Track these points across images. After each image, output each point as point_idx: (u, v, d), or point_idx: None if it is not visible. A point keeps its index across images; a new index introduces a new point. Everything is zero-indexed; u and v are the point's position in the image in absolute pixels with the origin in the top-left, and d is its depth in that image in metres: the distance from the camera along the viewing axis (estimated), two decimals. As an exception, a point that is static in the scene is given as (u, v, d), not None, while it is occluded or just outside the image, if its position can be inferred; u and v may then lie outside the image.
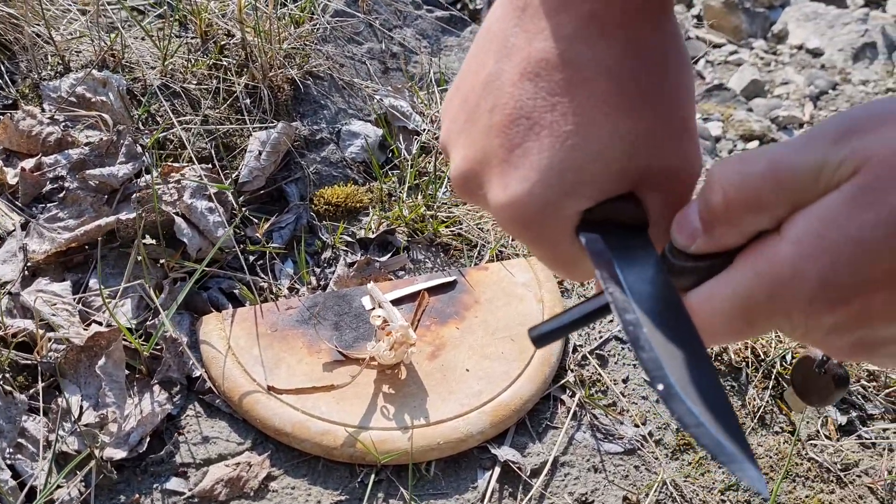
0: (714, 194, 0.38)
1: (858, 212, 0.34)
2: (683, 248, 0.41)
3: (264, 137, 1.16)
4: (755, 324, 0.39)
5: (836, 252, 0.34)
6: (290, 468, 0.91)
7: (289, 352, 0.98)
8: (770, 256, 0.37)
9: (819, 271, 0.35)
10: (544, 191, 0.45)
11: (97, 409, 0.89)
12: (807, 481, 1.00)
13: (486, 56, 0.48)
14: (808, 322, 0.37)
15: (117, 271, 1.02)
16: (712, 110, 2.88)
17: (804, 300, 0.36)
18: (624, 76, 0.44)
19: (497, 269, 1.13)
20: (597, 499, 0.93)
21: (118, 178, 1.07)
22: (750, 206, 0.37)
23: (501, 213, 0.47)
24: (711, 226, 0.39)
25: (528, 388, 0.98)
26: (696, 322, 0.41)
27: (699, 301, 0.40)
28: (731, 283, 0.39)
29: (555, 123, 0.44)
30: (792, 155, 0.36)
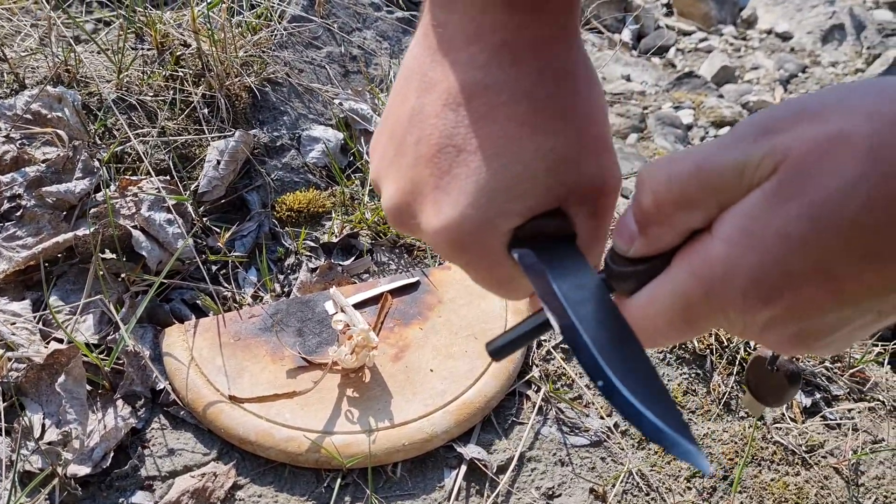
0: (644, 196, 0.40)
1: (780, 206, 0.35)
2: (623, 252, 0.42)
3: (222, 146, 1.16)
4: (695, 323, 0.40)
5: (763, 247, 0.35)
6: (256, 476, 0.91)
7: (252, 360, 0.98)
8: (703, 254, 0.38)
9: (749, 266, 0.36)
10: (476, 212, 0.47)
11: (59, 426, 0.89)
12: (772, 464, 1.01)
13: (407, 91, 0.50)
14: (745, 318, 0.38)
15: (78, 287, 1.02)
16: (683, 98, 2.90)
17: (738, 296, 0.37)
18: (540, 97, 0.46)
19: (459, 269, 1.13)
20: (564, 492, 0.94)
21: (75, 194, 1.07)
22: (679, 205, 0.38)
23: (436, 238, 0.48)
24: (646, 227, 0.40)
25: (492, 386, 0.99)
26: (639, 324, 0.42)
27: (641, 304, 0.42)
28: (669, 284, 0.40)
29: (480, 148, 0.46)
30: (716, 154, 0.37)
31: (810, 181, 0.34)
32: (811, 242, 0.34)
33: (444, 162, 0.48)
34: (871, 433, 1.06)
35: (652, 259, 0.41)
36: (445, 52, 0.48)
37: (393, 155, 0.50)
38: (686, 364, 1.09)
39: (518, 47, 0.46)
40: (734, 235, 0.37)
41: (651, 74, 3.03)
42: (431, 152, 0.48)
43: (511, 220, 0.47)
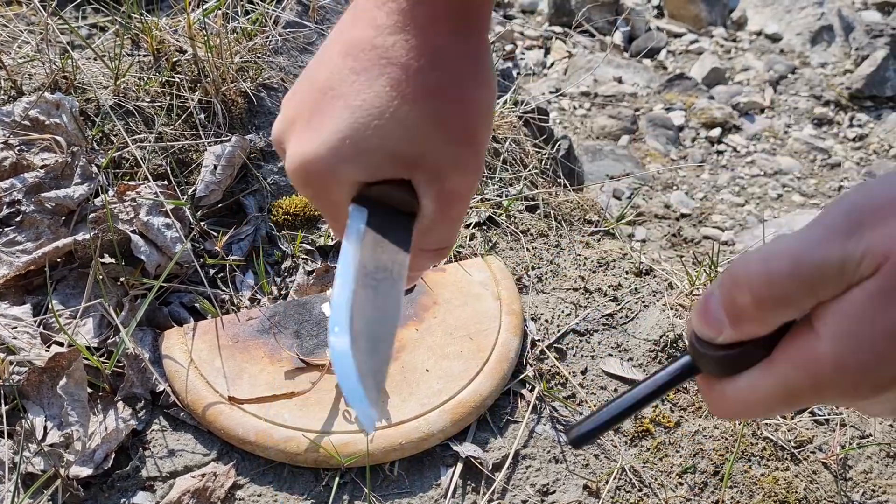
0: (741, 295, 0.40)
1: (886, 308, 0.37)
2: (710, 339, 0.43)
3: (219, 151, 1.18)
4: (795, 406, 0.43)
5: (872, 347, 0.37)
6: (255, 476, 0.93)
7: (250, 362, 1.00)
8: (809, 353, 0.39)
9: (859, 365, 0.38)
10: (325, 152, 0.50)
11: (61, 428, 0.90)
12: (762, 460, 1.03)
13: (326, 42, 0.55)
14: (856, 403, 0.41)
15: (77, 291, 1.04)
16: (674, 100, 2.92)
17: (849, 389, 0.39)
18: (415, 70, 0.50)
19: (454, 270, 1.15)
20: (558, 489, 0.96)
21: (74, 200, 1.08)
22: (778, 305, 0.40)
23: (289, 167, 0.52)
24: (739, 321, 0.41)
25: (487, 385, 1.00)
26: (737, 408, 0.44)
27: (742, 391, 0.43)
28: (773, 377, 0.42)
29: (347, 96, 0.50)
30: (813, 252, 0.38)
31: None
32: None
33: (320, 101, 0.52)
34: (858, 428, 1.08)
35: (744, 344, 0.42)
36: (361, 7, 0.52)
37: (297, 87, 0.55)
38: (677, 362, 1.11)
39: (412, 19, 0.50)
40: (841, 336, 0.38)
41: (642, 76, 3.05)
42: (315, 89, 0.52)
43: (355, 170, 0.50)
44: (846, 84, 3.12)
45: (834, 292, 0.38)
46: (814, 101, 3.06)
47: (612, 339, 1.13)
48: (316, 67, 0.54)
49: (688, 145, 2.76)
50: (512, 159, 1.46)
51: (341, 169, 0.51)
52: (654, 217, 1.54)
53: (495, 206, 1.32)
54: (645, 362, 1.11)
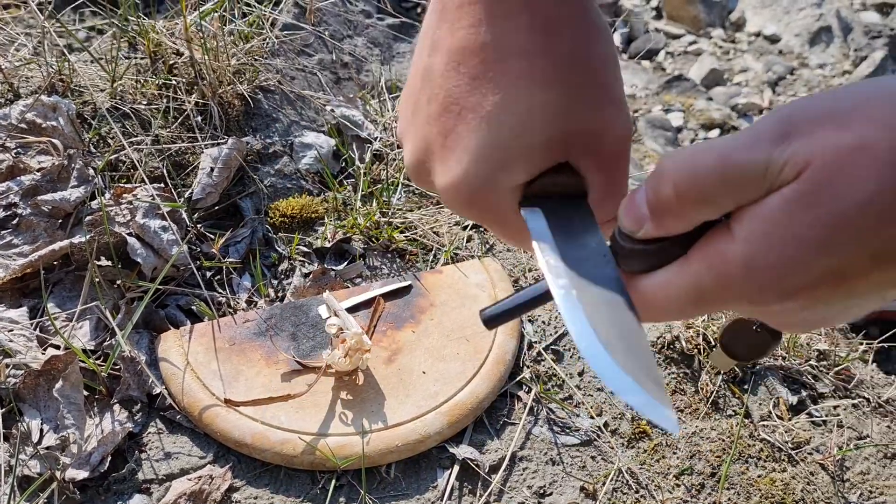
0: (664, 187, 0.40)
1: (801, 214, 0.37)
2: (630, 232, 0.43)
3: (215, 154, 1.18)
4: (705, 309, 0.43)
5: (783, 251, 0.37)
6: (251, 478, 0.93)
7: (247, 364, 1.00)
8: (723, 254, 0.40)
9: (768, 268, 0.38)
10: (478, 169, 0.48)
11: (57, 431, 0.90)
12: (759, 461, 1.02)
13: (421, 52, 0.52)
14: (757, 308, 0.41)
15: (74, 294, 1.04)
16: (673, 101, 2.92)
17: (755, 292, 0.39)
18: (533, 52, 0.47)
19: (451, 272, 1.15)
20: (555, 490, 0.96)
21: (71, 203, 1.08)
22: (699, 201, 0.40)
23: (445, 196, 0.51)
24: (660, 215, 0.42)
25: (483, 387, 1.00)
26: (647, 303, 0.44)
27: (653, 287, 0.43)
28: (685, 275, 0.42)
29: (478, 106, 0.48)
30: (739, 153, 0.38)
31: (831, 191, 0.36)
32: (828, 249, 0.36)
33: (449, 120, 0.50)
34: (856, 430, 1.08)
35: (662, 241, 0.42)
36: (451, 10, 0.49)
37: (410, 114, 0.53)
38: (675, 364, 1.11)
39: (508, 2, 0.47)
40: (754, 237, 0.38)
41: (641, 78, 3.05)
42: (438, 111, 0.50)
43: (514, 175, 0.49)
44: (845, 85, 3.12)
45: (754, 196, 0.38)
46: (812, 102, 3.05)
47: (609, 341, 1.13)
48: (423, 85, 0.51)
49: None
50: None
51: (498, 179, 0.49)
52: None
53: (492, 208, 1.32)
54: (642, 364, 1.10)
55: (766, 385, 1.12)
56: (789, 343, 1.18)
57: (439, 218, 1.27)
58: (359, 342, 0.96)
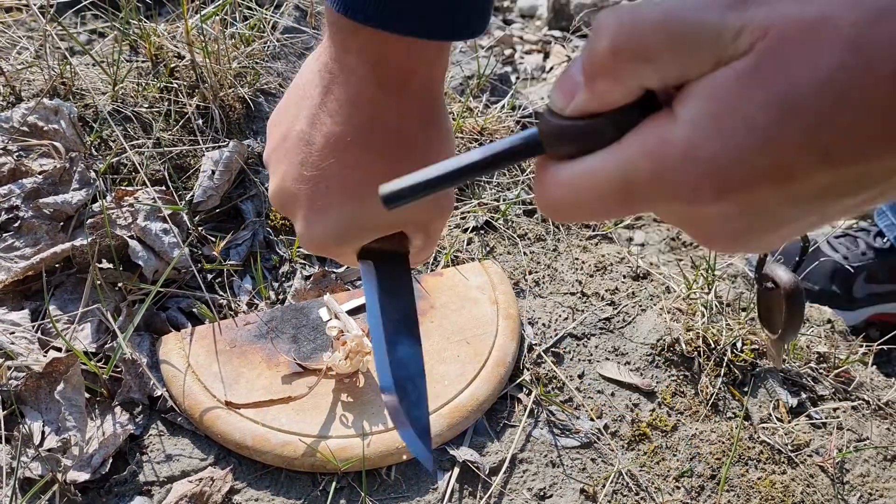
0: (600, 41, 0.35)
1: (752, 92, 0.32)
2: (559, 109, 0.37)
3: (217, 157, 1.18)
4: (631, 205, 0.37)
5: (728, 136, 0.32)
6: (252, 481, 0.93)
7: (248, 366, 1.00)
8: (660, 134, 0.34)
9: (709, 156, 0.33)
10: (336, 235, 0.62)
11: (59, 433, 0.90)
12: (759, 464, 1.03)
13: (299, 110, 0.61)
14: (689, 209, 0.35)
15: (75, 297, 1.04)
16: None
17: (690, 186, 0.34)
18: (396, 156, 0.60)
19: (451, 275, 1.15)
20: (555, 493, 0.96)
21: (72, 205, 1.09)
22: (637, 56, 0.34)
23: (302, 240, 0.65)
24: (594, 78, 0.36)
25: (484, 389, 1.01)
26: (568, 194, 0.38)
27: (578, 173, 0.38)
28: (616, 160, 0.36)
29: (345, 192, 0.61)
30: (690, 10, 0.33)
31: (786, 68, 0.31)
32: (777, 136, 0.31)
33: (317, 192, 0.61)
34: (855, 432, 1.09)
35: (594, 117, 0.37)
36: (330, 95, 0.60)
37: (283, 154, 0.63)
38: (674, 366, 1.11)
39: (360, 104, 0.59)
40: (699, 119, 0.33)
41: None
42: (311, 178, 0.61)
43: (359, 241, 0.64)
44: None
45: (702, 66, 0.33)
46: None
47: (609, 343, 1.14)
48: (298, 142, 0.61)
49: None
50: (509, 164, 1.46)
51: (349, 243, 0.64)
52: (653, 221, 1.54)
53: (493, 211, 1.33)
54: (642, 366, 1.11)
55: (766, 387, 1.12)
56: (790, 346, 1.18)
57: (440, 220, 1.28)
58: (359, 344, 0.96)
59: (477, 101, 1.57)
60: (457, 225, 1.28)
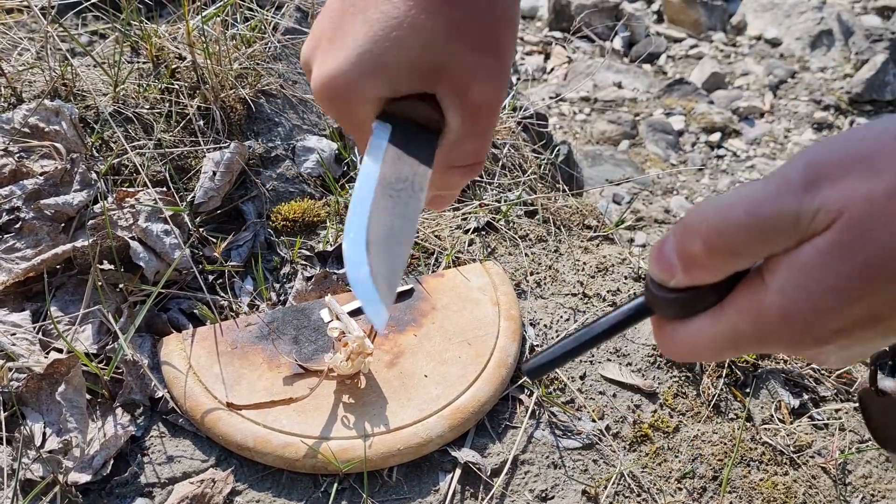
0: (693, 243, 0.40)
1: (835, 265, 0.37)
2: (661, 281, 0.43)
3: (218, 158, 1.18)
4: (742, 351, 0.43)
5: (818, 301, 0.37)
6: (254, 482, 0.93)
7: (249, 368, 1.00)
8: (757, 304, 0.40)
9: (804, 319, 0.38)
10: (348, 68, 0.51)
11: (60, 435, 0.90)
12: (761, 465, 1.03)
13: None
14: (795, 352, 0.42)
15: (76, 298, 1.04)
16: (674, 105, 2.92)
17: (791, 340, 0.40)
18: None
19: (453, 276, 1.15)
20: (556, 494, 0.96)
21: (73, 206, 1.08)
22: (729, 254, 0.40)
23: (315, 86, 0.53)
24: (690, 268, 0.42)
25: (485, 390, 1.01)
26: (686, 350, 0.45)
27: (691, 335, 0.44)
28: (721, 323, 0.42)
29: (368, 11, 0.50)
30: (769, 204, 0.38)
31: (864, 241, 0.36)
32: (863, 297, 0.37)
33: (343, 18, 0.52)
34: (857, 433, 1.08)
35: (695, 289, 0.43)
36: None
37: (322, 11, 0.55)
38: (676, 367, 1.11)
39: None
40: (789, 290, 0.38)
41: (642, 81, 3.06)
42: (338, 9, 0.52)
43: (377, 85, 0.51)
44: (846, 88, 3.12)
45: (786, 245, 0.38)
46: (814, 105, 3.06)
47: (610, 344, 1.13)
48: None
49: (688, 150, 2.76)
50: (511, 164, 1.46)
51: (363, 84, 0.51)
52: (654, 222, 1.54)
53: (494, 212, 1.32)
54: (644, 367, 1.11)
55: (768, 388, 1.12)
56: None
57: (441, 221, 1.28)
58: (361, 346, 0.96)
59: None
60: (458, 226, 1.28)
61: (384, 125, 0.53)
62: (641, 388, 1.08)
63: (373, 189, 0.50)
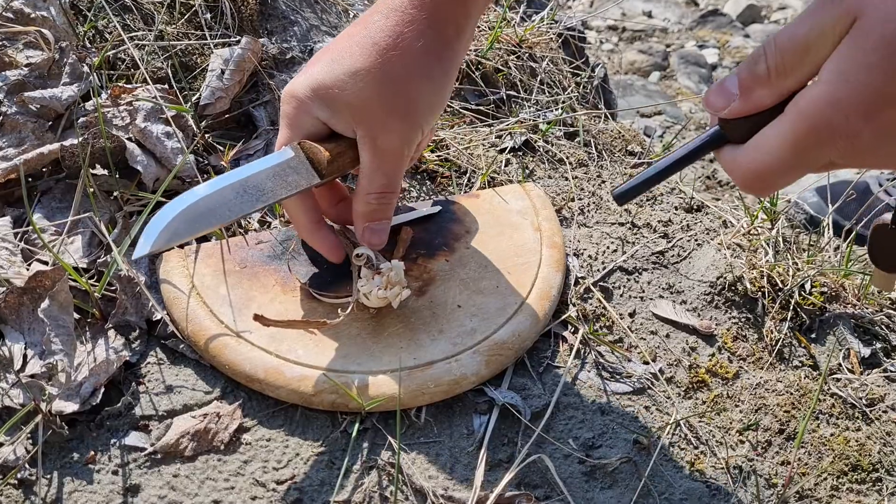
0: (760, 64, 0.50)
1: (861, 46, 0.44)
2: (716, 111, 0.52)
3: (227, 54, 1.04)
4: (806, 157, 0.49)
5: (855, 78, 0.45)
6: (264, 418, 0.82)
7: (260, 290, 0.88)
8: (807, 96, 0.48)
9: (847, 95, 0.45)
10: (305, 87, 0.73)
11: (43, 357, 0.79)
12: (831, 418, 0.92)
13: None
14: (852, 142, 0.47)
15: (65, 205, 0.91)
16: (707, 37, 2.73)
17: (842, 121, 0.46)
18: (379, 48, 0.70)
19: (489, 197, 1.02)
20: (604, 443, 0.85)
21: (62, 102, 0.95)
22: (787, 70, 0.49)
23: (285, 88, 0.76)
24: (750, 91, 0.51)
25: (526, 325, 0.89)
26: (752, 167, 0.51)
27: (754, 146, 0.51)
28: (778, 126, 0.49)
29: (335, 52, 0.73)
30: (801, 24, 0.47)
31: (883, 19, 0.43)
32: (893, 66, 0.43)
33: (325, 51, 0.75)
34: (937, 387, 0.97)
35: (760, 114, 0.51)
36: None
37: None
38: (736, 307, 1.00)
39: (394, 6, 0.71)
40: (832, 77, 0.46)
41: (674, 11, 2.87)
42: (331, 44, 0.75)
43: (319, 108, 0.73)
44: None
45: (827, 53, 0.46)
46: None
47: (663, 280, 1.01)
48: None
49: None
50: (550, 81, 1.32)
51: (311, 101, 0.73)
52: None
53: (532, 130, 1.19)
54: (700, 306, 0.99)
55: (836, 334, 1.00)
56: (860, 290, 1.06)
57: (474, 138, 1.14)
58: (398, 275, 0.83)
59: (513, 11, 1.41)
60: (492, 144, 1.15)
61: (289, 150, 0.74)
62: (698, 328, 0.96)
63: (231, 181, 0.74)
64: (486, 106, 1.21)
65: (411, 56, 0.70)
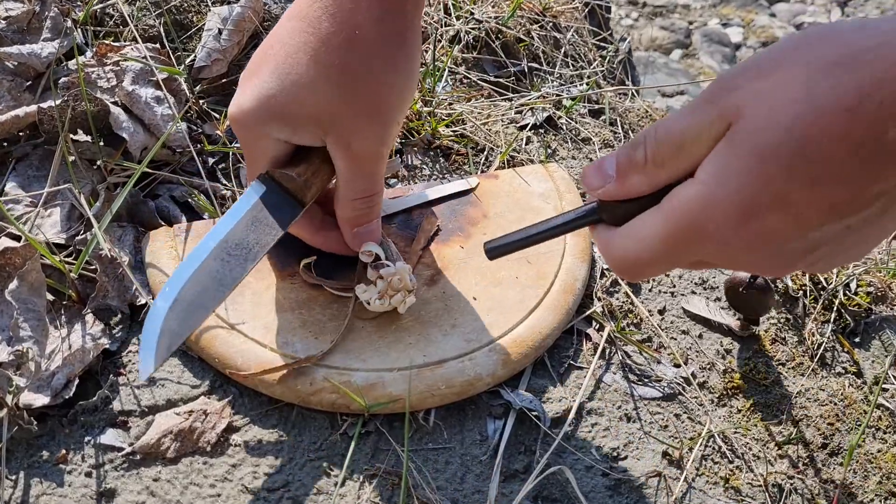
0: (638, 152, 0.49)
1: (737, 151, 0.44)
2: (590, 190, 0.52)
3: (226, 13, 0.95)
4: (676, 254, 0.49)
5: (729, 184, 0.44)
6: (256, 417, 0.74)
7: (255, 275, 0.79)
8: (682, 195, 0.47)
9: (720, 201, 0.45)
10: (255, 107, 0.63)
11: (10, 344, 0.70)
12: (878, 432, 0.84)
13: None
14: (722, 248, 0.47)
15: (42, 174, 0.83)
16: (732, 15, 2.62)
17: (713, 226, 0.45)
18: (332, 45, 0.61)
19: (509, 178, 0.94)
20: (630, 454, 0.77)
21: (42, 59, 0.86)
22: (661, 163, 0.48)
23: (229, 114, 0.66)
24: (626, 176, 0.50)
25: (547, 321, 0.80)
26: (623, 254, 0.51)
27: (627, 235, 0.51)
28: (653, 218, 0.49)
29: (280, 58, 0.63)
30: (681, 119, 0.47)
31: (758, 127, 0.43)
32: (764, 176, 0.43)
33: (262, 58, 0.64)
34: None
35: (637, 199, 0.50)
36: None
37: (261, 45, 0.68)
38: (776, 307, 0.91)
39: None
40: (708, 178, 0.45)
41: (697, -13, 2.77)
42: (264, 46, 0.65)
43: (278, 127, 0.64)
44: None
45: (703, 153, 0.46)
46: (883, 25, 2.78)
47: (695, 274, 0.93)
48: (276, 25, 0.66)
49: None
50: (574, 54, 1.23)
51: (267, 124, 0.64)
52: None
53: (555, 106, 1.10)
54: (736, 304, 0.90)
55: (882, 339, 0.92)
56: None
57: (493, 113, 1.05)
58: (402, 280, 0.75)
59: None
60: (512, 120, 1.06)
61: (260, 185, 0.66)
62: (733, 328, 0.88)
63: (210, 249, 0.64)
64: (505, 78, 1.12)
65: (369, 48, 0.62)
